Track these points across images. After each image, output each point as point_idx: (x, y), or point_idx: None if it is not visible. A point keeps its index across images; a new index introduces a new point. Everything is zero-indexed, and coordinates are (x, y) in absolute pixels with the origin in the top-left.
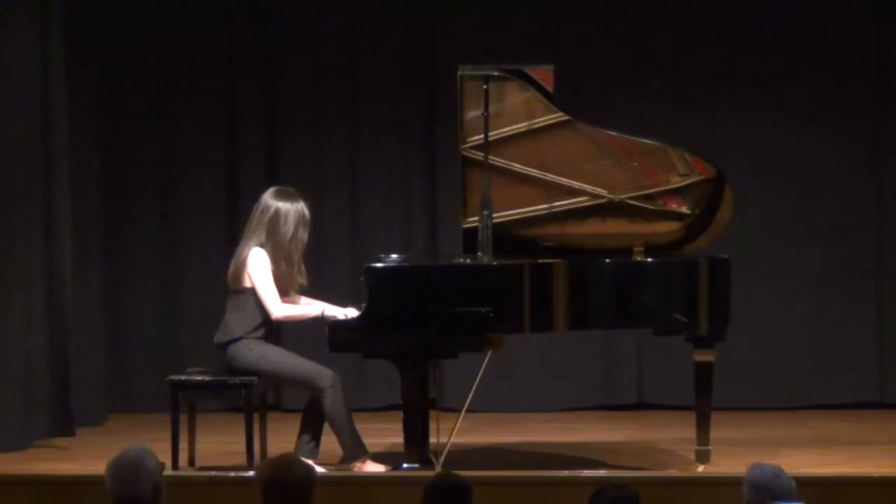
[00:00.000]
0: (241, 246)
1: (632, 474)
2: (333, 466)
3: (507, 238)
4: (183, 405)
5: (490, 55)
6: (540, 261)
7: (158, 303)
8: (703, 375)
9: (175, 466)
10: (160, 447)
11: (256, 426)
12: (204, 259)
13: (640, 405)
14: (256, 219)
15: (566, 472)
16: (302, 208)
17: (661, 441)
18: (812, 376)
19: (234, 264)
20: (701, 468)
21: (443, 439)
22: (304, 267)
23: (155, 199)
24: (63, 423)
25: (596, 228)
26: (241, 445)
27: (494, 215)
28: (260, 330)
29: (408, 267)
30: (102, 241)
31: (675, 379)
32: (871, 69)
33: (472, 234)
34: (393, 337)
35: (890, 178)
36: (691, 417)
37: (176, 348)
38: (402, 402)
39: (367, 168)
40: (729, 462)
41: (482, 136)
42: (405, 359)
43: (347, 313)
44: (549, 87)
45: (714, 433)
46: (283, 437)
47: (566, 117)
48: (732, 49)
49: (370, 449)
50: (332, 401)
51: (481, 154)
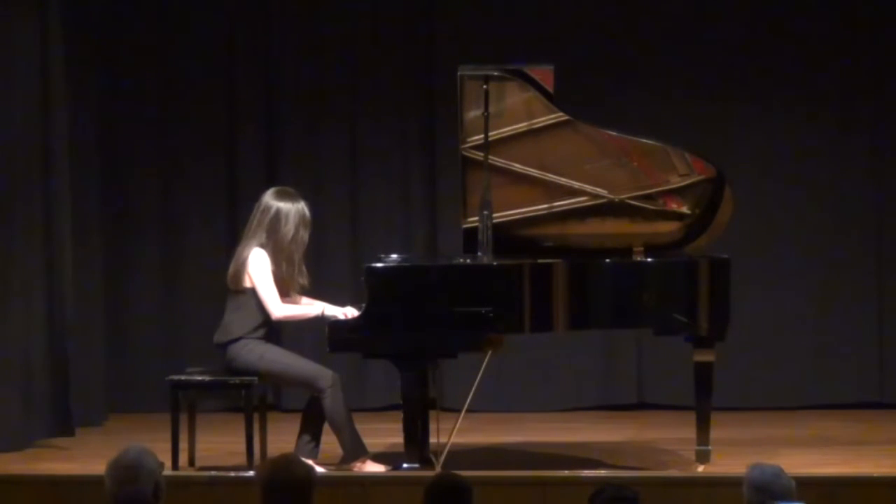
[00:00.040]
0: (242, 246)
1: (632, 474)
2: (333, 466)
3: (507, 238)
4: (183, 405)
5: (490, 55)
6: (540, 261)
7: (158, 303)
8: (703, 375)
9: (175, 466)
10: (160, 447)
11: (256, 426)
12: (204, 259)
13: (640, 405)
14: (257, 219)
15: (566, 472)
16: (302, 208)
17: (661, 441)
18: (812, 376)
19: (234, 265)
20: (701, 468)
21: (443, 439)
22: (304, 267)
23: (155, 199)
24: (63, 423)
25: (596, 228)
26: (241, 445)
27: (494, 215)
28: (260, 330)
29: (408, 267)
30: (102, 241)
31: (675, 379)
32: (872, 69)
33: (472, 234)
34: (393, 337)
35: (890, 179)
36: (691, 417)
37: (176, 348)
38: (402, 402)
39: (367, 168)
40: (729, 462)
41: (482, 136)
42: (405, 359)
43: (347, 313)
44: (549, 87)
45: (714, 433)
46: (283, 437)
47: (566, 117)
48: (733, 49)
49: (370, 449)
50: (332, 401)
51: (481, 154)
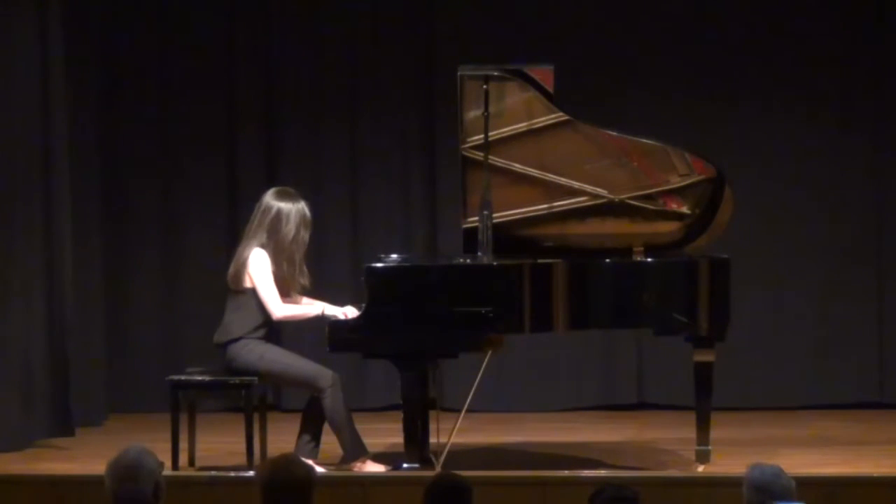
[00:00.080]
0: (242, 246)
1: (632, 474)
2: (333, 466)
3: (507, 238)
4: (183, 405)
5: (490, 55)
6: (540, 261)
7: (158, 303)
8: (703, 375)
9: (175, 466)
10: (160, 447)
11: (256, 426)
12: (204, 259)
13: (640, 405)
14: (257, 219)
15: (566, 472)
16: (303, 208)
17: (661, 441)
18: (812, 376)
19: (234, 265)
20: (701, 468)
21: (443, 439)
22: (305, 267)
23: (155, 199)
24: (63, 423)
25: (596, 228)
26: (241, 445)
27: (494, 215)
28: (260, 330)
29: (408, 267)
30: (102, 241)
31: (675, 379)
32: (872, 69)
33: (472, 234)
34: (393, 337)
35: (890, 178)
36: (691, 417)
37: (176, 348)
38: (402, 402)
39: (367, 168)
40: (729, 462)
41: (482, 136)
42: (405, 359)
43: (347, 313)
44: (549, 87)
45: (714, 433)
46: (283, 437)
47: (566, 117)
48: (733, 49)
49: (370, 449)
50: (332, 401)
51: (481, 154)
